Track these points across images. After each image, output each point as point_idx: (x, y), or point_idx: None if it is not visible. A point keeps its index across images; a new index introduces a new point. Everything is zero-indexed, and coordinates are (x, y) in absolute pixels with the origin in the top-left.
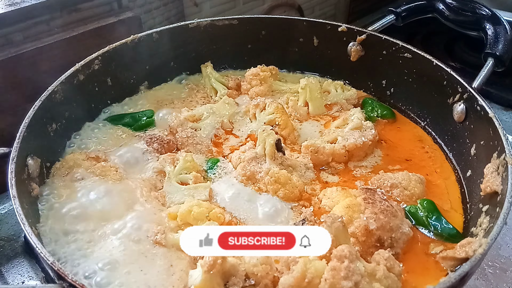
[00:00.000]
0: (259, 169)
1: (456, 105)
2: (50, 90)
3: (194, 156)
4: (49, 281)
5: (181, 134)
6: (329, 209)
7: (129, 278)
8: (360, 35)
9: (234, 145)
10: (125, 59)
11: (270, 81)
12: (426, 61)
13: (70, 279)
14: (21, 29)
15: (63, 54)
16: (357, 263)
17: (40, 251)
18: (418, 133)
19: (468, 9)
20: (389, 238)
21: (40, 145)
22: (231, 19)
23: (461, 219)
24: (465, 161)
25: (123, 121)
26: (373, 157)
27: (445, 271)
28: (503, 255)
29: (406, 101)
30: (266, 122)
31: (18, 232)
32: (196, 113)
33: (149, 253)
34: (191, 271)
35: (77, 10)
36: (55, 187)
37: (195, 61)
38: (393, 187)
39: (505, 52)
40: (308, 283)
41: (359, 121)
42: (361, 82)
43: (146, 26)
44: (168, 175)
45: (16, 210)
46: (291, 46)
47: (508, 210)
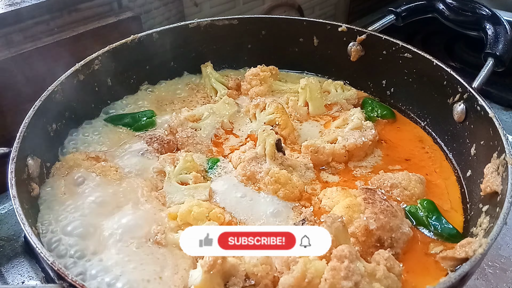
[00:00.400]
0: (259, 169)
1: (456, 105)
2: (50, 90)
3: (194, 155)
4: (49, 281)
5: (181, 134)
6: (329, 209)
7: (129, 278)
8: (360, 35)
9: (234, 145)
10: (125, 59)
11: (270, 81)
12: (426, 61)
13: (70, 279)
14: (21, 29)
15: (63, 54)
16: (357, 263)
17: (40, 251)
18: (418, 133)
19: (468, 9)
20: (389, 238)
21: (40, 145)
22: (231, 19)
23: (461, 219)
24: (465, 161)
25: (123, 121)
26: (373, 157)
27: (445, 271)
28: (503, 255)
29: (406, 101)
30: (266, 122)
31: (18, 232)
32: (196, 113)
33: (149, 253)
34: (191, 271)
35: (77, 10)
36: (55, 187)
37: (195, 61)
38: (393, 187)
39: (505, 52)
40: (308, 283)
41: (359, 121)
42: (361, 82)
43: (146, 26)
44: (168, 175)
45: (16, 210)
46: (291, 46)
47: (508, 210)
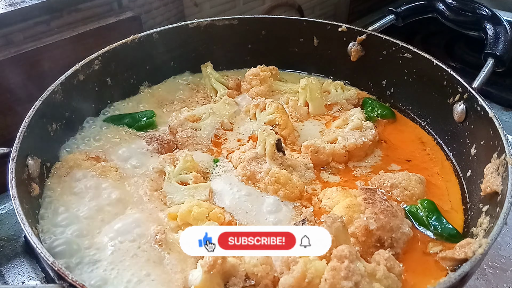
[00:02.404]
0: (259, 169)
1: (456, 105)
2: (50, 90)
3: (199, 154)
4: (49, 281)
5: (181, 134)
6: (329, 209)
7: (129, 278)
8: (360, 35)
9: (234, 146)
10: (125, 59)
11: (270, 81)
12: (426, 61)
13: (70, 279)
14: (21, 29)
15: (63, 54)
16: (357, 263)
17: (40, 251)
18: (419, 133)
19: (468, 9)
20: (389, 238)
21: (40, 145)
22: (231, 19)
23: (461, 219)
24: (465, 161)
25: (123, 121)
26: (373, 157)
27: (445, 271)
28: (503, 255)
29: (406, 101)
30: (266, 122)
31: (18, 232)
32: (196, 113)
33: (149, 253)
34: (192, 271)
35: (77, 10)
36: (55, 187)
37: (195, 61)
38: (393, 187)
39: (505, 52)
40: (308, 283)
41: (359, 121)
42: (361, 82)
43: (146, 26)
44: (168, 175)
45: (16, 210)
46: (291, 46)
47: (508, 210)
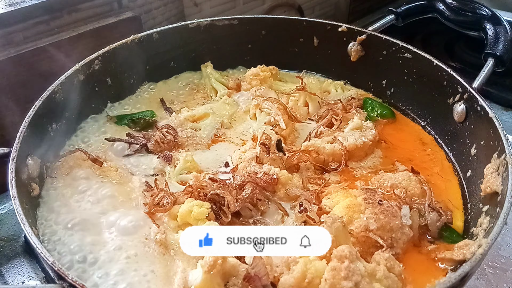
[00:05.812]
0: (259, 169)
1: (456, 105)
2: (50, 90)
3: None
4: (49, 281)
5: (181, 134)
6: (329, 209)
7: (129, 279)
8: (360, 35)
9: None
10: (125, 59)
11: (270, 81)
12: (426, 61)
13: (70, 279)
14: (21, 29)
15: (63, 54)
16: (357, 263)
17: (40, 251)
18: (419, 133)
19: (468, 9)
20: (389, 238)
21: (40, 145)
22: (231, 19)
23: (462, 219)
24: (465, 161)
25: (123, 121)
26: (373, 157)
27: (445, 271)
28: (503, 255)
29: (406, 101)
30: (266, 122)
31: (18, 232)
32: (196, 113)
33: (149, 253)
34: (192, 271)
35: (77, 10)
36: (55, 187)
37: (195, 61)
38: (393, 187)
39: (505, 52)
40: (308, 283)
41: (359, 121)
42: (361, 82)
43: (146, 26)
44: (168, 175)
45: (16, 210)
46: (291, 46)
47: (508, 210)
